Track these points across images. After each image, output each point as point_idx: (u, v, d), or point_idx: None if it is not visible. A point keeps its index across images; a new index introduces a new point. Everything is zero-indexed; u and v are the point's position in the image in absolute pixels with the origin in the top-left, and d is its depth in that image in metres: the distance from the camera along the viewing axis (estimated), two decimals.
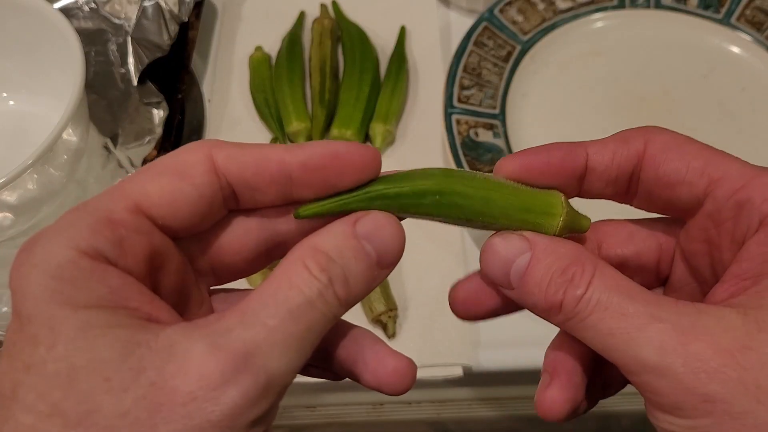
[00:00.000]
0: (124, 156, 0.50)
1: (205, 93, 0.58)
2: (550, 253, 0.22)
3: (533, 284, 0.22)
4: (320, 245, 0.20)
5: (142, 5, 0.55)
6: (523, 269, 0.22)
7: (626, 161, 0.23)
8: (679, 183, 0.23)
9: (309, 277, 0.19)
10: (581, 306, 0.21)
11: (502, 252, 0.22)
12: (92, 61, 0.55)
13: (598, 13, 0.57)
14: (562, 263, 0.21)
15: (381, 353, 0.23)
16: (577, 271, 0.21)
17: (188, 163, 0.21)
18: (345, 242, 0.21)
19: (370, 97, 0.54)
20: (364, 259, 0.21)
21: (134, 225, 0.20)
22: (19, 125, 0.54)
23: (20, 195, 0.44)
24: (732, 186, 0.22)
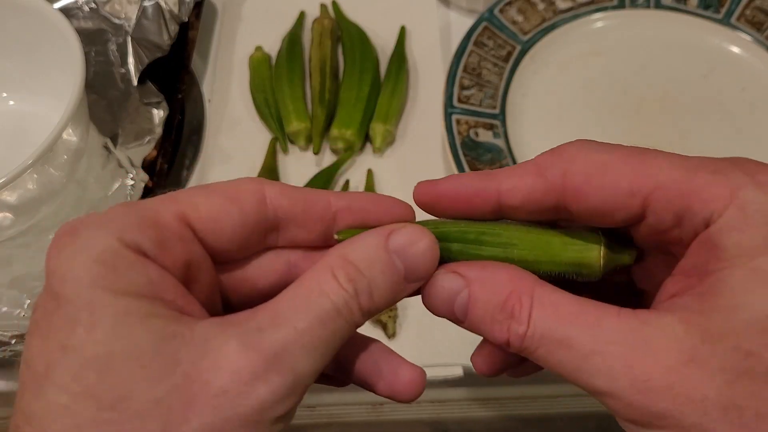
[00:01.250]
0: (124, 156, 0.50)
1: (205, 93, 0.58)
2: (486, 288, 0.22)
3: (478, 320, 0.22)
4: (350, 255, 0.21)
5: (142, 5, 0.55)
6: (465, 306, 0.22)
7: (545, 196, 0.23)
8: (612, 210, 0.22)
9: (336, 286, 0.20)
10: (527, 343, 0.21)
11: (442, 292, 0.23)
12: (92, 61, 0.55)
13: (598, 13, 0.57)
14: (499, 297, 0.22)
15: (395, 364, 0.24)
16: (515, 305, 0.21)
17: (241, 190, 0.22)
18: (375, 255, 0.21)
19: (370, 97, 0.54)
20: (391, 273, 0.21)
21: (178, 231, 0.21)
22: (19, 125, 0.54)
23: (20, 195, 0.44)
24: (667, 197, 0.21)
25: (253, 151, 0.54)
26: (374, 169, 0.52)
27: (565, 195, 0.22)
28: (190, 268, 0.21)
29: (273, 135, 0.55)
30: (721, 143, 0.52)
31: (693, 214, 0.21)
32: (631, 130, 0.52)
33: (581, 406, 0.53)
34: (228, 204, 0.21)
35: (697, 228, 0.21)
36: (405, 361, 0.24)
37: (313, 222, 0.23)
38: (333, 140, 0.53)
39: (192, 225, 0.21)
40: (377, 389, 0.24)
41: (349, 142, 0.52)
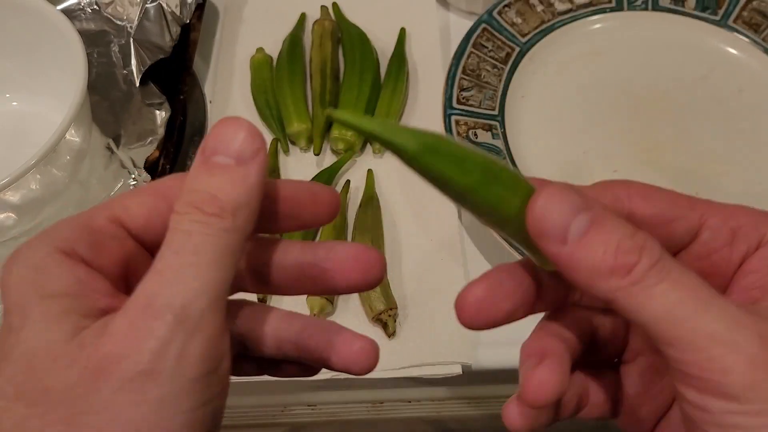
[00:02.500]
0: (126, 157, 0.50)
1: (207, 94, 0.58)
2: (614, 217, 0.21)
3: (599, 242, 0.20)
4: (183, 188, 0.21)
5: (144, 7, 0.55)
6: (587, 225, 0.20)
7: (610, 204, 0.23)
8: (673, 219, 0.23)
9: (179, 217, 0.21)
10: (654, 271, 0.20)
11: (563, 204, 0.21)
12: (95, 62, 0.56)
13: (596, 15, 0.58)
14: (629, 228, 0.21)
15: (347, 336, 0.25)
16: (647, 238, 0.20)
17: (167, 186, 0.23)
18: (199, 170, 0.21)
19: (371, 98, 0.55)
20: (218, 170, 0.21)
21: (110, 232, 0.22)
22: (21, 126, 0.54)
23: (23, 195, 0.44)
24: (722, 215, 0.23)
25: None
26: (374, 170, 0.53)
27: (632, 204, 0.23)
28: (128, 263, 0.22)
29: (274, 136, 0.55)
30: (719, 144, 0.52)
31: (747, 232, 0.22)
32: (630, 131, 0.53)
33: None
34: (157, 200, 0.22)
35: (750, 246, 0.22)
36: (356, 334, 0.25)
37: None
38: (333, 141, 0.53)
39: (125, 225, 0.22)
40: (332, 363, 0.25)
41: (350, 143, 0.53)
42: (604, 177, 0.51)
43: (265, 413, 0.54)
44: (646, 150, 0.52)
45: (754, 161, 0.51)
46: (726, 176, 0.50)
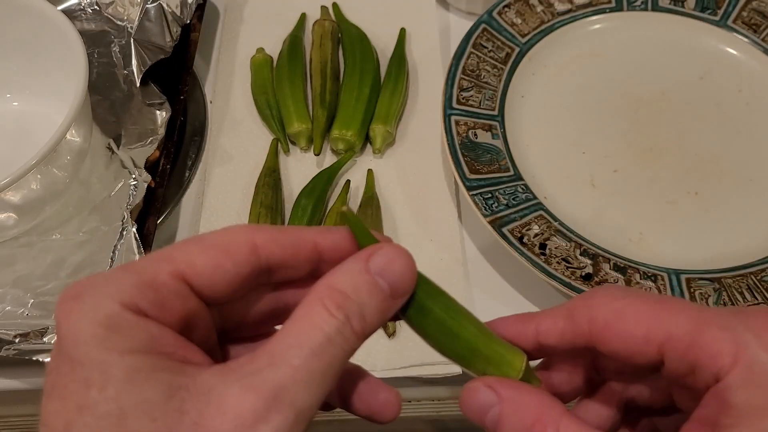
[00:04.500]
0: (127, 156, 0.50)
1: (207, 94, 0.58)
2: (516, 409, 0.23)
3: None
4: (336, 284, 0.22)
5: (144, 7, 0.55)
6: (496, 420, 0.23)
7: (575, 339, 0.25)
8: (631, 355, 0.23)
9: (328, 316, 0.21)
10: None
11: (476, 403, 0.24)
12: (95, 62, 0.56)
13: (595, 16, 0.58)
14: (526, 421, 0.23)
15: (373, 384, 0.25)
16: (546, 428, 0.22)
17: (233, 243, 0.23)
18: (359, 279, 0.22)
19: (371, 98, 0.55)
20: (378, 293, 0.22)
21: (175, 289, 0.22)
22: (22, 126, 0.54)
23: (24, 195, 0.45)
24: (678, 348, 0.23)
25: (255, 151, 0.54)
26: (374, 170, 0.53)
27: (593, 338, 0.24)
28: (188, 319, 0.22)
29: (274, 136, 0.55)
30: (718, 144, 0.52)
31: (703, 368, 0.22)
32: (629, 131, 0.53)
33: None
34: (222, 258, 0.22)
35: (708, 381, 0.22)
36: (382, 383, 0.25)
37: (302, 263, 0.24)
38: (334, 141, 0.53)
39: (188, 281, 0.22)
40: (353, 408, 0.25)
41: (350, 143, 0.53)
42: (604, 177, 0.51)
43: None
44: (646, 150, 0.52)
45: (754, 161, 0.51)
46: (725, 176, 0.50)
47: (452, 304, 0.25)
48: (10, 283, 0.46)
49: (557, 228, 0.46)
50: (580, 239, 0.46)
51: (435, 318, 0.25)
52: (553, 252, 0.45)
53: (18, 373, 0.45)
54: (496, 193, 0.47)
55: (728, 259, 0.46)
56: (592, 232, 0.47)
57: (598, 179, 0.50)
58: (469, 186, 0.47)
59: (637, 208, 0.49)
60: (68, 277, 0.46)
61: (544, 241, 0.45)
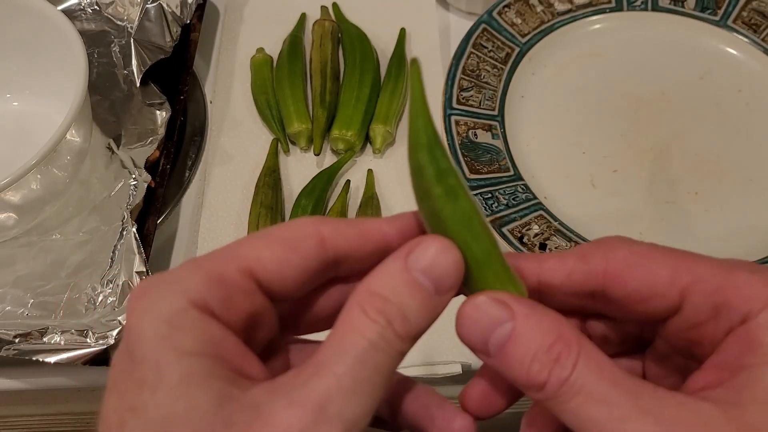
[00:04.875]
0: (127, 156, 0.50)
1: (207, 94, 0.58)
2: (534, 326, 0.21)
3: (515, 358, 0.21)
4: (374, 287, 0.21)
5: (144, 7, 0.55)
6: (504, 340, 0.21)
7: (584, 280, 0.23)
8: (650, 297, 0.22)
9: (368, 321, 0.20)
10: (565, 389, 0.20)
11: (482, 319, 0.22)
12: (95, 62, 0.56)
13: (595, 16, 0.58)
14: (546, 339, 0.21)
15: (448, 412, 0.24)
16: (563, 350, 0.21)
17: (300, 236, 0.22)
18: (398, 279, 0.21)
19: (371, 98, 0.55)
20: (420, 292, 0.21)
21: (242, 285, 0.21)
22: (22, 126, 0.54)
23: (24, 195, 0.45)
24: (706, 289, 0.22)
25: (255, 151, 0.54)
26: (374, 170, 0.53)
27: (606, 280, 0.23)
28: (253, 317, 0.22)
29: (274, 136, 0.55)
30: (718, 144, 0.52)
31: (731, 309, 0.21)
32: (629, 131, 0.53)
33: None
34: (289, 252, 0.22)
35: (733, 323, 0.21)
36: (457, 410, 0.24)
37: (369, 254, 0.23)
38: (334, 141, 0.53)
39: (256, 277, 0.21)
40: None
41: (350, 143, 0.53)
42: (604, 177, 0.52)
43: None
44: (646, 150, 0.52)
45: (753, 161, 0.51)
46: (725, 176, 0.50)
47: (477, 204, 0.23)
48: (10, 283, 0.46)
49: (557, 228, 0.46)
50: (580, 239, 0.46)
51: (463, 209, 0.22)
52: (553, 252, 0.45)
53: (18, 373, 0.45)
54: (496, 193, 0.47)
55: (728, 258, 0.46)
56: (592, 232, 0.47)
57: (598, 179, 0.51)
58: (469, 186, 0.47)
59: (637, 208, 0.49)
60: (68, 277, 0.46)
61: (544, 241, 0.45)
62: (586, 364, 0.20)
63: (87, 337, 0.41)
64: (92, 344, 0.41)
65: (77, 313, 0.44)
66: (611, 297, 0.23)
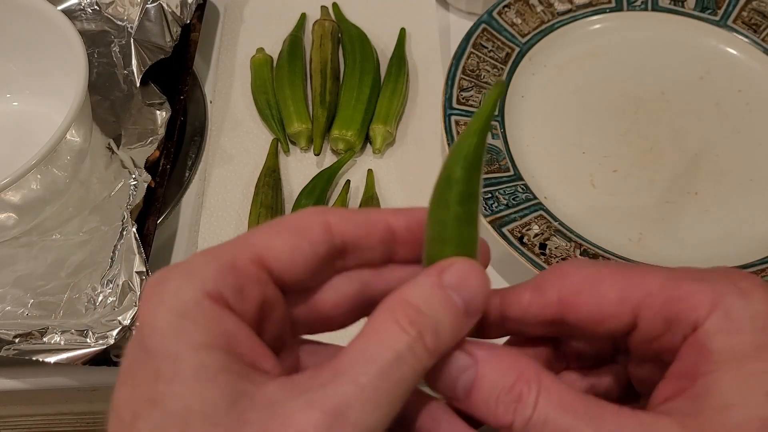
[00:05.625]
0: (127, 156, 0.50)
1: (207, 94, 0.58)
2: (494, 368, 0.22)
3: (481, 401, 0.22)
4: (409, 298, 0.21)
5: (144, 7, 0.55)
6: (470, 385, 0.22)
7: (541, 310, 0.24)
8: (603, 319, 0.23)
9: (399, 332, 0.20)
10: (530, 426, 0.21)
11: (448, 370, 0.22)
12: (95, 62, 0.56)
13: (595, 16, 0.58)
14: (507, 380, 0.21)
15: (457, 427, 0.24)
16: (524, 389, 0.21)
17: (307, 224, 0.22)
18: (432, 293, 0.21)
19: (371, 98, 0.55)
20: (452, 309, 0.21)
21: (255, 275, 0.21)
22: (22, 126, 0.54)
23: (24, 195, 0.45)
24: (655, 304, 0.22)
25: (255, 151, 0.54)
26: (374, 170, 0.53)
27: (560, 308, 0.23)
28: (264, 307, 0.22)
29: (274, 136, 0.55)
30: (718, 144, 0.52)
31: (681, 319, 0.22)
32: (629, 131, 0.53)
33: None
34: (299, 239, 0.22)
35: (686, 332, 0.22)
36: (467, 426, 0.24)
37: (376, 243, 0.23)
38: (334, 141, 0.53)
39: (268, 266, 0.21)
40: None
41: (350, 143, 0.53)
42: (604, 177, 0.52)
43: None
44: (645, 150, 0.52)
45: (753, 161, 0.51)
46: (725, 176, 0.50)
47: None
48: (10, 283, 0.46)
49: (557, 228, 0.46)
50: (580, 239, 0.46)
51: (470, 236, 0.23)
52: (553, 252, 0.45)
53: (18, 373, 0.45)
54: (496, 193, 0.47)
55: (728, 259, 0.46)
56: (592, 232, 0.47)
57: (598, 179, 0.51)
58: None
59: (637, 208, 0.49)
60: (68, 277, 0.46)
61: (544, 241, 0.45)
62: (547, 400, 0.21)
63: (87, 337, 0.41)
64: (92, 344, 0.41)
65: (77, 313, 0.44)
66: (569, 323, 0.24)
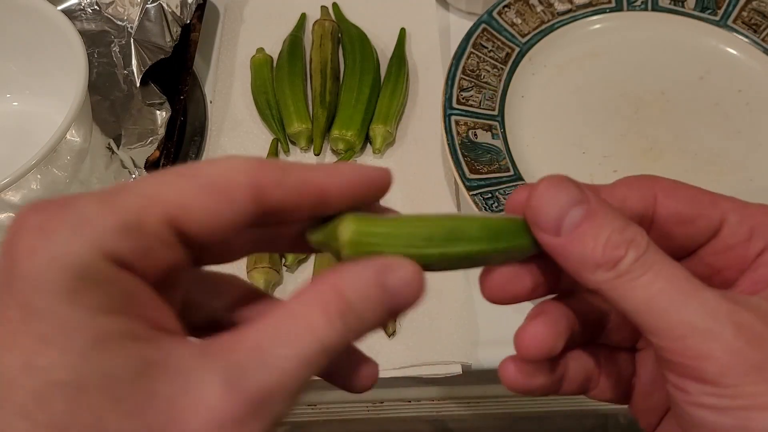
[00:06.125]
0: (127, 156, 0.50)
1: (207, 94, 0.58)
2: (608, 211, 0.22)
3: (590, 235, 0.21)
4: (345, 291, 0.20)
5: (144, 7, 0.55)
6: (580, 219, 0.22)
7: (638, 204, 0.24)
8: (696, 217, 0.24)
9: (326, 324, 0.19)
10: (638, 264, 0.21)
11: (560, 196, 0.22)
12: (95, 62, 0.56)
13: (595, 16, 0.58)
14: (620, 223, 0.22)
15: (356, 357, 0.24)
16: (637, 232, 0.21)
17: (234, 184, 0.19)
18: (371, 292, 0.20)
19: (371, 98, 0.55)
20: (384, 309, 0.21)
21: (163, 237, 0.19)
22: (22, 126, 0.54)
23: (24, 195, 0.45)
24: (742, 213, 0.23)
25: (255, 151, 0.54)
26: None
27: (657, 202, 0.24)
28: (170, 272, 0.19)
29: (274, 136, 0.55)
30: (717, 144, 0.52)
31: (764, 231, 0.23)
32: (629, 131, 0.53)
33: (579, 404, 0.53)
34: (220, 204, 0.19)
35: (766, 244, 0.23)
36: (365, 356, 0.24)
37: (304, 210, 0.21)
38: (334, 141, 0.53)
39: (179, 228, 0.19)
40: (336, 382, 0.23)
41: (350, 143, 0.53)
42: (604, 177, 0.52)
43: None
44: (646, 150, 0.52)
45: (753, 161, 0.51)
46: (725, 176, 0.50)
47: None
48: None
49: None
50: None
51: None
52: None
53: None
54: (496, 193, 0.47)
55: None
56: None
57: (598, 179, 0.50)
58: (469, 186, 0.47)
59: None
60: None
61: None
62: (656, 248, 0.21)
63: None
64: None
65: None
66: (660, 220, 0.24)
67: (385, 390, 0.50)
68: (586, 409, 0.53)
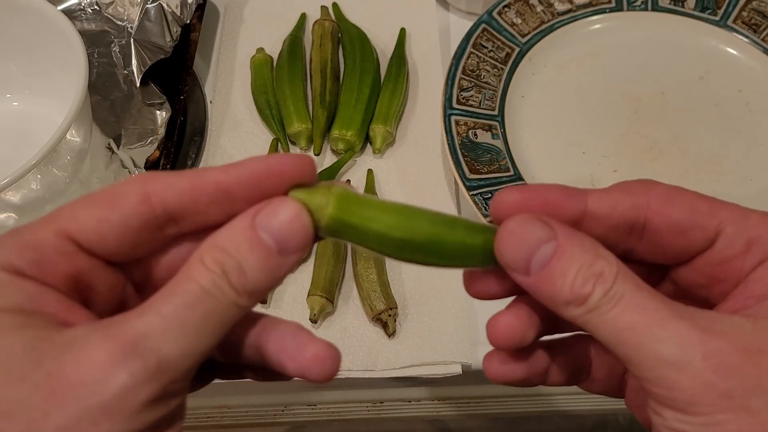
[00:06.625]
0: (127, 156, 0.50)
1: (207, 94, 0.58)
2: (576, 245, 0.22)
3: (559, 274, 0.22)
4: (218, 241, 0.21)
5: (144, 7, 0.55)
6: (548, 258, 0.22)
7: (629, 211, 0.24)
8: (691, 227, 0.23)
9: (203, 270, 0.21)
10: (606, 299, 0.21)
11: (527, 237, 0.22)
12: (95, 62, 0.56)
13: (595, 16, 0.58)
14: (588, 257, 0.22)
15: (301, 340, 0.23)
16: (605, 266, 0.21)
17: (121, 194, 0.22)
18: (241, 235, 0.21)
19: (371, 98, 0.55)
20: (261, 250, 0.21)
21: (58, 247, 0.21)
22: (22, 126, 0.54)
23: (24, 195, 0.45)
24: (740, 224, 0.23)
25: (255, 151, 0.54)
26: (374, 170, 0.53)
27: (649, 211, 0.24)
28: (79, 277, 0.22)
29: (274, 136, 0.55)
30: (717, 144, 0.52)
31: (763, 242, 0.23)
32: (629, 131, 0.53)
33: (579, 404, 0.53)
34: (107, 211, 0.21)
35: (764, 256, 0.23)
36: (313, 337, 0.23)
37: (206, 207, 0.22)
38: (334, 141, 0.53)
39: (74, 238, 0.21)
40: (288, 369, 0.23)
41: (350, 143, 0.53)
42: (604, 177, 0.52)
43: (265, 413, 0.54)
44: (646, 150, 0.52)
45: (753, 161, 0.51)
46: (725, 176, 0.50)
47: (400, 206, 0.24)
48: None
49: None
50: None
51: None
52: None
53: None
54: (496, 193, 0.47)
55: None
56: None
57: (598, 179, 0.51)
58: (469, 186, 0.47)
59: None
60: None
61: None
62: (624, 279, 0.21)
63: None
64: None
65: None
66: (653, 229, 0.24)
67: (385, 390, 0.50)
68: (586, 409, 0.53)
